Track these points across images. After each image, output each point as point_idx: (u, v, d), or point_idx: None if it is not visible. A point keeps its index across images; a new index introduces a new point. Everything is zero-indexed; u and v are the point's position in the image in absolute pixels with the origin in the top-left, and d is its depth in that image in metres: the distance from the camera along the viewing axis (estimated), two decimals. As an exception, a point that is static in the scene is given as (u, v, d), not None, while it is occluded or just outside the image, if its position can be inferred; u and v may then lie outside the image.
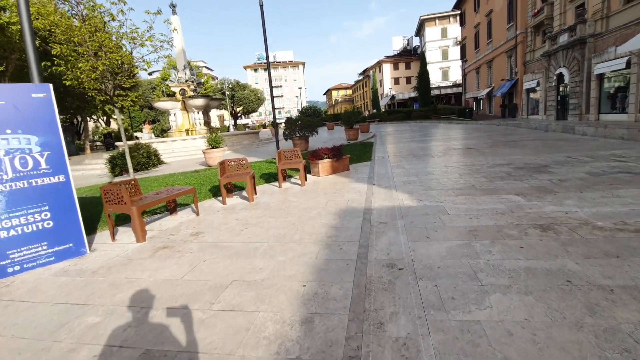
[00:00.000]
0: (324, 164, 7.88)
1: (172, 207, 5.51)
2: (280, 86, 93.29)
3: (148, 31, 7.65)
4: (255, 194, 6.53)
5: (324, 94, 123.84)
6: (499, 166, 7.48)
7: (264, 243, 3.99)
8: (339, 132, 26.66)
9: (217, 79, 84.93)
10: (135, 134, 52.40)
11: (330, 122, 33.95)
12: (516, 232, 3.68)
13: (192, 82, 20.58)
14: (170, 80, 20.38)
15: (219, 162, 6.04)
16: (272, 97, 11.76)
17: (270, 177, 8.34)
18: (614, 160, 7.27)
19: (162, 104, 19.90)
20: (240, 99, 66.63)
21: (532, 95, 27.77)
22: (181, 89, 20.52)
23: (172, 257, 3.79)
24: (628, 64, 16.32)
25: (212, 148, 11.01)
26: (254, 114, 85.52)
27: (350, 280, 2.90)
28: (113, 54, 6.74)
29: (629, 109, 16.66)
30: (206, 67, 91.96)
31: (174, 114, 20.43)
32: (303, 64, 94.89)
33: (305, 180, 7.35)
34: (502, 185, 5.75)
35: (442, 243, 3.55)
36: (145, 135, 55.17)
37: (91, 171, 14.91)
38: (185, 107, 20.31)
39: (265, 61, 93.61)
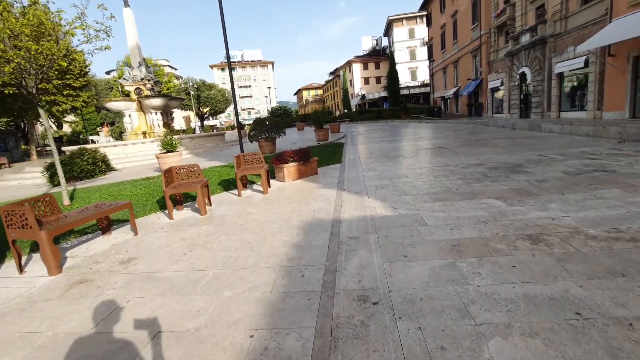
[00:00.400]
0: (290, 168, 7.22)
1: (104, 226, 4.62)
2: (249, 86, 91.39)
3: (79, 18, 6.61)
4: (210, 205, 5.76)
5: (295, 94, 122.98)
6: (474, 166, 7.18)
7: (209, 271, 3.26)
8: (309, 132, 26.11)
9: (181, 78, 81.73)
10: (91, 137, 48.98)
11: (300, 122, 33.31)
12: (504, 246, 3.22)
13: (149, 80, 19.16)
14: (124, 79, 18.86)
15: (165, 170, 5.21)
16: (234, 96, 10.92)
17: (230, 184, 7.54)
18: (586, 157, 7.18)
19: (115, 105, 18.35)
20: (206, 100, 64.43)
21: (496, 94, 28.63)
22: (136, 88, 19.05)
23: (87, 297, 2.98)
24: (586, 63, 16.97)
25: (167, 152, 10.00)
26: (222, 115, 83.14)
27: (312, 325, 2.27)
28: (29, 43, 5.68)
29: (588, 106, 17.34)
30: (169, 66, 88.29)
31: (129, 116, 18.93)
32: (272, 63, 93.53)
33: (269, 187, 6.66)
34: (480, 188, 5.37)
35: (423, 264, 3.00)
36: (103, 139, 52.16)
37: (30, 180, 13.29)
38: (142, 108, 18.88)
39: (233, 60, 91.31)
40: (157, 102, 18.35)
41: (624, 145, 8.40)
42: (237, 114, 10.75)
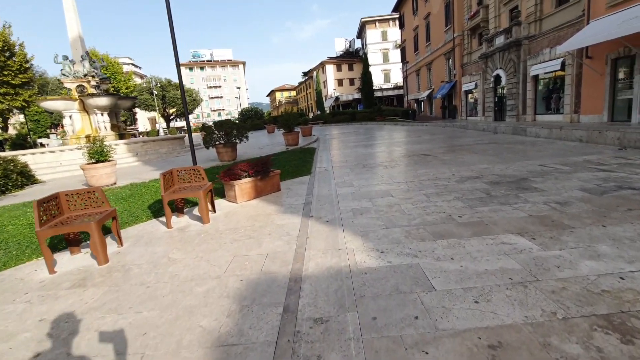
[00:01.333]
0: (243, 185, 5.63)
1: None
2: (219, 86, 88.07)
3: None
4: (121, 245, 4.05)
5: (268, 95, 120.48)
6: (470, 180, 5.91)
7: None
8: (280, 135, 24.51)
9: (145, 77, 77.35)
10: (40, 140, 44.53)
11: (271, 124, 31.55)
12: (579, 349, 1.84)
13: (93, 76, 16.78)
14: (64, 75, 16.37)
15: (37, 202, 3.46)
16: (184, 94, 9.13)
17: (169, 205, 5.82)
18: (596, 169, 6.11)
19: (51, 104, 15.84)
20: (172, 100, 61.02)
21: (470, 96, 28.35)
22: (79, 86, 16.62)
23: None
24: (562, 66, 16.55)
25: (96, 162, 8.06)
26: (190, 116, 79.44)
27: None
28: None
29: (564, 109, 16.94)
30: (133, 64, 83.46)
31: (70, 117, 16.46)
32: (243, 63, 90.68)
33: (213, 211, 5.05)
34: (490, 215, 4.05)
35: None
36: (54, 142, 47.68)
37: None
38: (85, 108, 16.48)
39: (201, 59, 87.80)
40: (103, 101, 16.04)
41: (627, 153, 7.51)
42: (187, 116, 9.00)
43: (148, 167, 12.06)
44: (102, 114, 16.59)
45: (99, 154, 7.94)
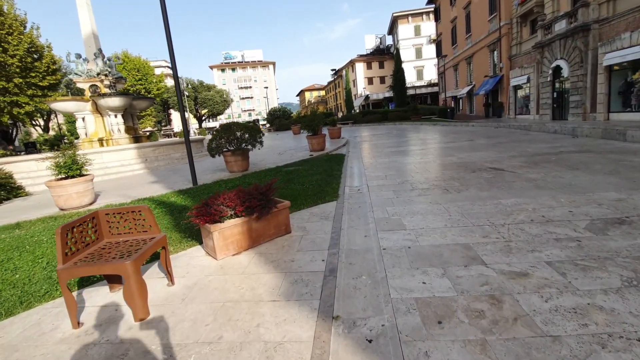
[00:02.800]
0: (227, 231, 3.40)
1: None
2: (250, 87, 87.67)
3: None
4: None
5: (297, 95, 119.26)
6: (616, 228, 3.31)
7: None
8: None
9: (182, 79, 78.27)
10: (78, 140, 45.53)
11: (296, 125, 29.50)
12: None
13: (107, 75, 15.42)
14: (76, 74, 15.14)
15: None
16: (180, 97, 7.16)
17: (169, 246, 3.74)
18: None
19: (62, 105, 14.63)
20: (203, 101, 60.95)
21: (520, 92, 24.65)
22: (92, 85, 15.33)
23: None
24: (655, 51, 13.02)
25: (65, 178, 6.23)
26: (221, 117, 79.72)
27: None
28: None
29: (655, 106, 13.37)
30: (168, 67, 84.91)
31: (83, 119, 15.22)
32: (273, 63, 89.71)
33: (171, 280, 2.88)
34: None
35: None
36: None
37: None
38: (98, 109, 15.16)
39: (233, 61, 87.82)
40: (116, 102, 14.62)
41: None
42: (183, 116, 6.97)
43: (151, 177, 10.27)
44: (115, 116, 15.19)
45: (68, 168, 6.08)
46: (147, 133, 21.47)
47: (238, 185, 6.76)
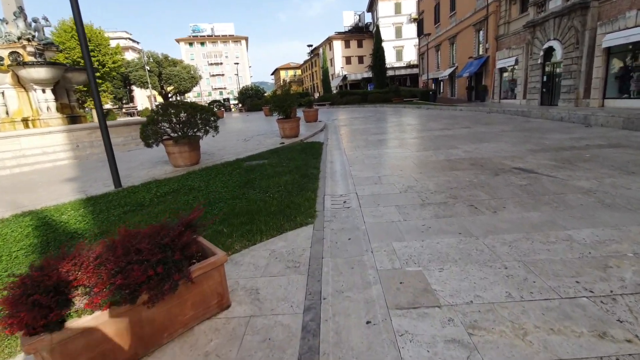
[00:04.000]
0: (75, 345, 1.51)
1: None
2: (221, 63, 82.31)
3: None
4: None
5: (272, 74, 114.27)
6: None
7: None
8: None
9: (144, 52, 72.25)
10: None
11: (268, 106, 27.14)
12: None
13: (30, 40, 12.42)
14: (-10, 37, 12.01)
15: None
16: (88, 60, 4.93)
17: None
18: None
19: (-33, 76, 11.60)
20: (169, 77, 56.21)
21: (506, 75, 23.50)
22: (12, 53, 12.29)
23: None
24: (663, 31, 11.87)
25: None
26: (189, 95, 74.74)
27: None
28: None
29: (657, 92, 12.38)
30: (130, 39, 78.00)
31: (1, 93, 12.27)
32: (246, 39, 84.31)
33: None
34: None
35: None
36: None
37: None
38: (21, 82, 12.24)
39: (201, 34, 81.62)
40: (42, 73, 11.78)
41: None
42: (96, 98, 4.81)
43: (71, 172, 7.95)
44: (43, 91, 12.33)
45: None
46: (130, 109, 18.39)
47: (177, 188, 4.78)
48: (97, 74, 34.47)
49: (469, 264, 2.53)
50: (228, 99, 60.78)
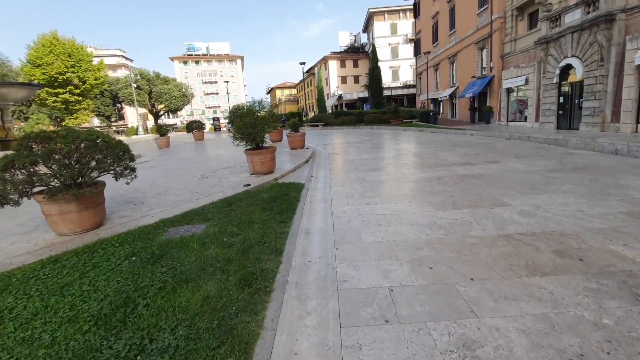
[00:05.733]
0: None
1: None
2: (215, 82, 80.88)
3: None
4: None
5: (268, 93, 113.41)
6: None
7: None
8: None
9: (130, 69, 70.62)
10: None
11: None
12: None
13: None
14: None
15: None
16: None
17: None
18: None
19: None
20: (159, 95, 54.17)
21: (513, 95, 21.46)
22: None
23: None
24: None
25: None
26: (182, 113, 72.67)
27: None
28: None
29: None
30: (124, 57, 76.65)
31: None
32: (241, 58, 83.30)
33: None
34: None
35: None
36: None
37: None
38: None
39: (196, 52, 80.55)
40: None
41: None
42: None
43: None
44: (-40, 109, 9.77)
45: None
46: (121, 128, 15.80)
47: None
48: (77, 91, 32.21)
49: None
50: (218, 118, 58.56)
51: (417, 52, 39.34)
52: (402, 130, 21.77)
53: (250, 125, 6.81)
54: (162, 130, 18.45)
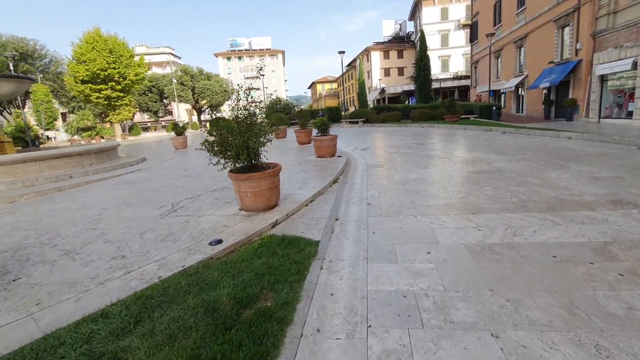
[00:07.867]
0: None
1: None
2: (258, 77, 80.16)
3: None
4: None
5: (309, 88, 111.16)
6: None
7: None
8: (305, 149, 12.74)
9: (171, 65, 71.80)
10: (47, 132, 39.27)
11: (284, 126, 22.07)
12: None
13: None
14: None
15: None
16: None
17: None
18: None
19: None
20: (201, 91, 53.99)
21: (610, 84, 16.39)
22: None
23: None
24: None
25: None
26: (225, 108, 72.89)
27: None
28: None
29: None
30: (172, 54, 78.56)
31: None
32: (282, 52, 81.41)
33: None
34: None
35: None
36: (63, 135, 42.10)
37: None
38: None
39: (239, 48, 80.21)
40: None
41: None
42: None
43: None
44: None
45: None
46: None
47: None
48: (118, 87, 31.98)
49: None
50: (255, 114, 57.21)
51: (472, 38, 34.04)
52: (460, 129, 17.59)
53: (242, 131, 3.91)
54: (178, 129, 16.23)
